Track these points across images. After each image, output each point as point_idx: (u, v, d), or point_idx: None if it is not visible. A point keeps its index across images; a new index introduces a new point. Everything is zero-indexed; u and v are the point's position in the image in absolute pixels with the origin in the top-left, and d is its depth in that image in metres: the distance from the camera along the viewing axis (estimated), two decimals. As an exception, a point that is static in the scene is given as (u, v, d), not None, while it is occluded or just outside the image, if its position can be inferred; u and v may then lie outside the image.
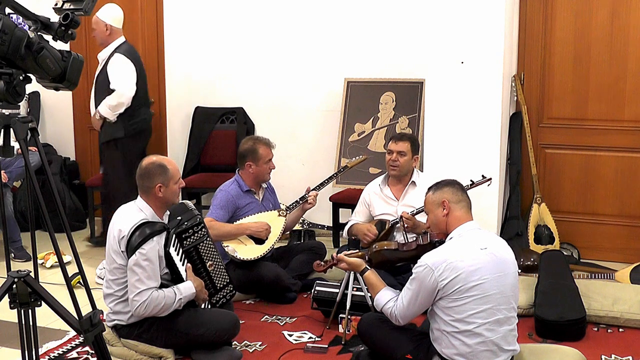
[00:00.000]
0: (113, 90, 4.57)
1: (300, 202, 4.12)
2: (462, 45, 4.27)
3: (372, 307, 3.34)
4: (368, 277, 2.96)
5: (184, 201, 3.34)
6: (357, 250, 3.36)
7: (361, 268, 3.03)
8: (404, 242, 3.28)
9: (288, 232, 4.78)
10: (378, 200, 4.02)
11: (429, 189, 2.89)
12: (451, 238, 2.71)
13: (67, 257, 4.31)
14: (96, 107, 4.66)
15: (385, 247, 3.22)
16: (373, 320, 3.02)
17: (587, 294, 3.63)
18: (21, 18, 2.10)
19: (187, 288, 3.09)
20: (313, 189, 4.16)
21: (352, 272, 3.38)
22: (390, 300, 2.78)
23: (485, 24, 4.22)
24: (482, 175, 3.75)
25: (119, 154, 4.70)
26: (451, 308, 2.57)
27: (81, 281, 2.29)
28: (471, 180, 3.70)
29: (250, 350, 3.29)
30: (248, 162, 4.03)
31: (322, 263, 3.44)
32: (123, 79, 4.60)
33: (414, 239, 3.17)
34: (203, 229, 3.30)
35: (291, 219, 4.18)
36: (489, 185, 3.82)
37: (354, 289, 3.41)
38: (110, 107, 4.59)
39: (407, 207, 3.87)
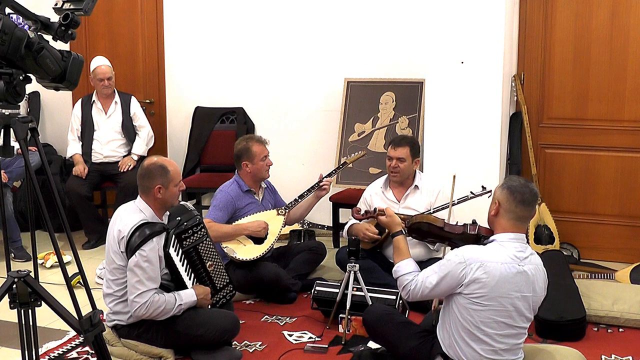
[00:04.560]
0: (135, 128, 5.33)
1: (315, 188, 4.14)
2: (462, 45, 4.27)
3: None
4: (398, 240, 2.92)
5: (183, 202, 3.34)
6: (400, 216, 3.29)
7: (397, 229, 2.99)
8: (452, 223, 3.14)
9: (288, 232, 4.78)
10: (379, 202, 4.01)
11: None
12: (492, 241, 2.64)
13: (67, 257, 4.32)
14: (130, 148, 5.32)
15: (429, 221, 3.08)
16: (379, 312, 3.03)
17: (587, 294, 3.63)
18: (21, 18, 2.09)
19: (189, 295, 3.10)
20: (326, 176, 4.19)
21: (352, 272, 3.38)
22: (410, 273, 2.74)
23: (485, 24, 4.22)
24: (482, 187, 3.68)
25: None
26: (468, 309, 2.55)
27: (81, 281, 2.29)
28: (471, 192, 3.66)
29: (250, 350, 3.29)
30: (244, 161, 4.04)
31: (363, 212, 3.39)
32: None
33: (462, 224, 3.05)
34: (202, 230, 3.30)
35: (304, 206, 4.20)
36: (489, 197, 3.77)
37: (354, 289, 3.41)
38: (147, 144, 5.38)
39: (408, 210, 3.88)
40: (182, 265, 3.17)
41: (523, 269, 2.56)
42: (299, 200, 4.15)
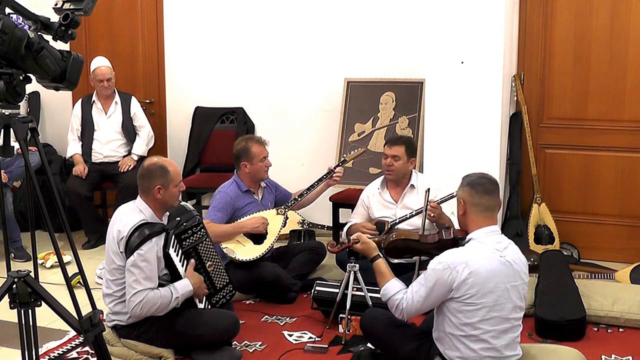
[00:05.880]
0: (135, 128, 5.33)
1: (326, 177, 4.18)
2: (462, 45, 4.26)
3: (372, 305, 3.34)
4: (378, 265, 2.90)
5: (183, 202, 3.34)
6: (376, 236, 3.30)
7: (374, 253, 2.96)
8: (426, 234, 3.18)
9: (288, 232, 4.78)
10: (377, 204, 4.01)
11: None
12: (470, 240, 2.66)
13: (67, 257, 4.32)
14: (130, 148, 5.32)
15: (404, 237, 3.11)
16: (376, 315, 3.03)
17: (587, 294, 3.63)
18: (21, 18, 2.09)
19: (184, 286, 3.09)
20: (336, 166, 4.23)
21: (352, 272, 3.37)
22: (399, 292, 2.73)
23: (485, 24, 4.22)
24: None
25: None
26: (462, 312, 2.56)
27: (81, 281, 2.29)
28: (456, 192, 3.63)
29: (250, 350, 3.29)
30: (243, 162, 4.04)
31: (338, 245, 3.40)
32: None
33: (436, 232, 3.08)
34: (202, 230, 3.30)
35: (314, 194, 4.24)
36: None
37: (354, 289, 3.41)
38: (148, 144, 5.37)
39: (405, 210, 3.88)
40: (182, 265, 3.17)
41: (506, 259, 2.59)
42: (305, 194, 4.16)
